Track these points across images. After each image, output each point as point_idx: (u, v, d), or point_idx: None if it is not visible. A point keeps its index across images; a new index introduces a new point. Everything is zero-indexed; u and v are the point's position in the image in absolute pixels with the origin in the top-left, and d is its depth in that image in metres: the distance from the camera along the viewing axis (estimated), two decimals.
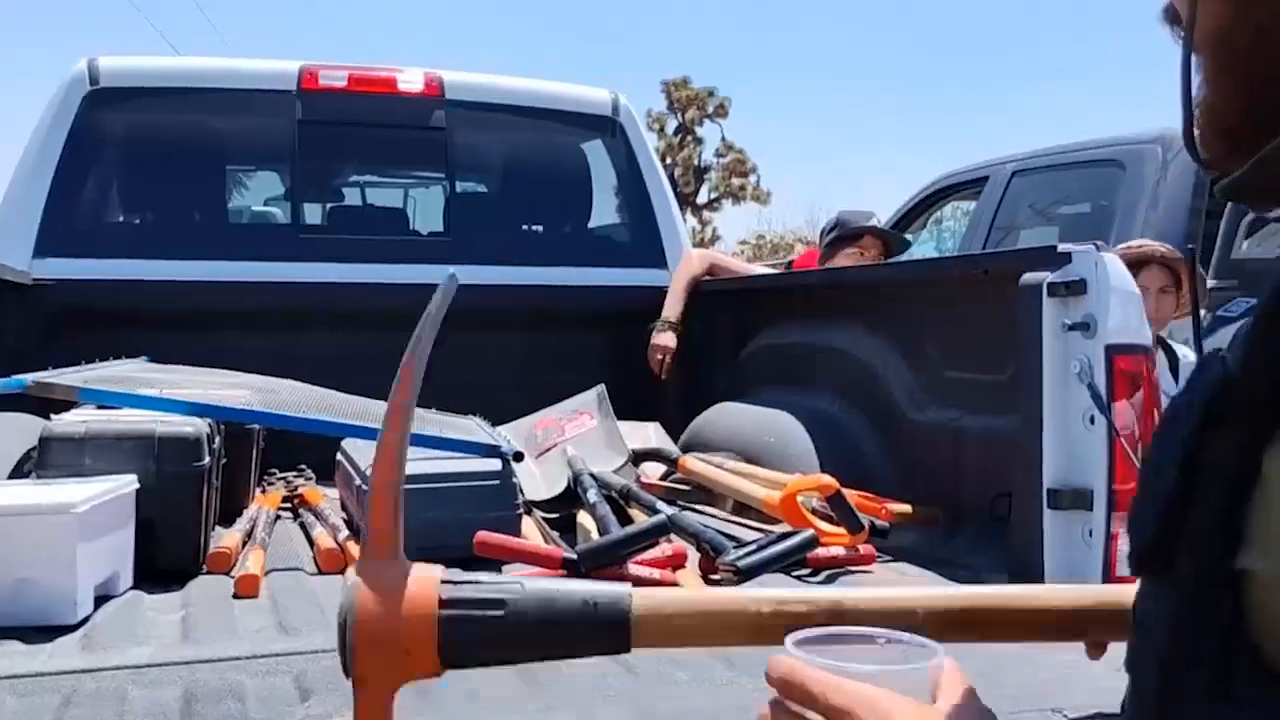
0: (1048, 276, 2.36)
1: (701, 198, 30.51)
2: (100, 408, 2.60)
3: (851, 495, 2.73)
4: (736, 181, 30.14)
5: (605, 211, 4.35)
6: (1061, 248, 2.39)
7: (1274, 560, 0.67)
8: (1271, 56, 0.72)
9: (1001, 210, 5.42)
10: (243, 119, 3.99)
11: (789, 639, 0.82)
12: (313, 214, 4.28)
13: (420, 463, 2.65)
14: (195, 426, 2.45)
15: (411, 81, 3.97)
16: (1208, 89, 0.78)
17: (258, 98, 3.90)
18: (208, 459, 2.45)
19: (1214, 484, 0.71)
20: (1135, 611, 0.81)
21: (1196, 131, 0.78)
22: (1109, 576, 2.30)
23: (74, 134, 3.66)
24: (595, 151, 4.32)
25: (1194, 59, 0.77)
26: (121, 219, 4.03)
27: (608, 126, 4.22)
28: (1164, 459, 0.76)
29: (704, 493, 3.18)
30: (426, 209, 4.85)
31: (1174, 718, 0.71)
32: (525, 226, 4.39)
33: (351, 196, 4.62)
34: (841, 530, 2.60)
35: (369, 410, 2.84)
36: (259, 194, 4.91)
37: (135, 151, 3.88)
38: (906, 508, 2.75)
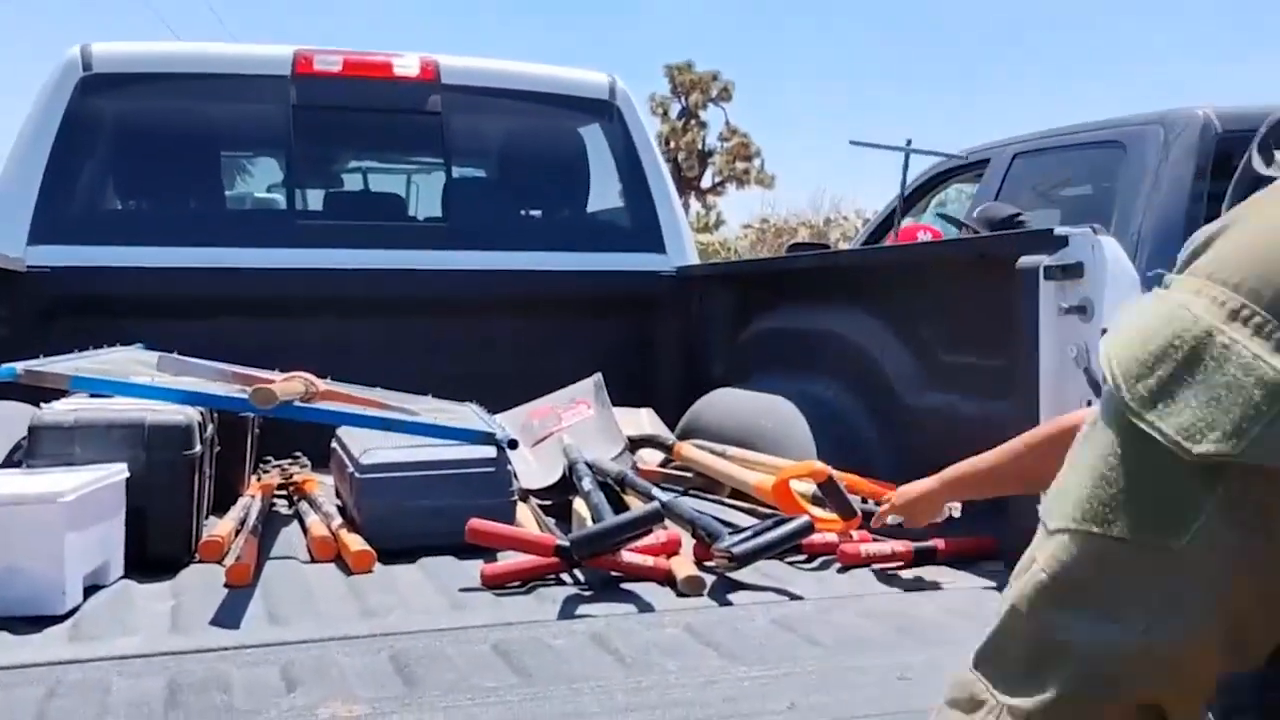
0: (1044, 260, 2.33)
1: (705, 182, 30.42)
2: (92, 396, 2.59)
3: (862, 482, 2.71)
4: (740, 165, 30.04)
5: (603, 196, 4.32)
6: (1058, 231, 2.36)
7: None
8: None
9: (1003, 193, 5.36)
10: (237, 104, 3.96)
11: None
12: (309, 200, 4.25)
13: (415, 450, 2.65)
14: (186, 415, 2.43)
15: (407, 66, 3.94)
16: None
17: (252, 83, 3.87)
18: (199, 447, 2.44)
19: None
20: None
21: None
22: None
23: (67, 120, 3.64)
24: (593, 135, 4.29)
25: None
26: (116, 206, 4.00)
27: (605, 110, 4.19)
28: None
29: (704, 479, 3.17)
30: (424, 194, 4.82)
31: None
32: (523, 211, 4.36)
33: (348, 182, 4.59)
34: (836, 516, 2.59)
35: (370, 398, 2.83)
36: (255, 180, 4.89)
37: (129, 138, 3.85)
38: None
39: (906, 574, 2.38)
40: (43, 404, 2.50)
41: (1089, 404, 2.29)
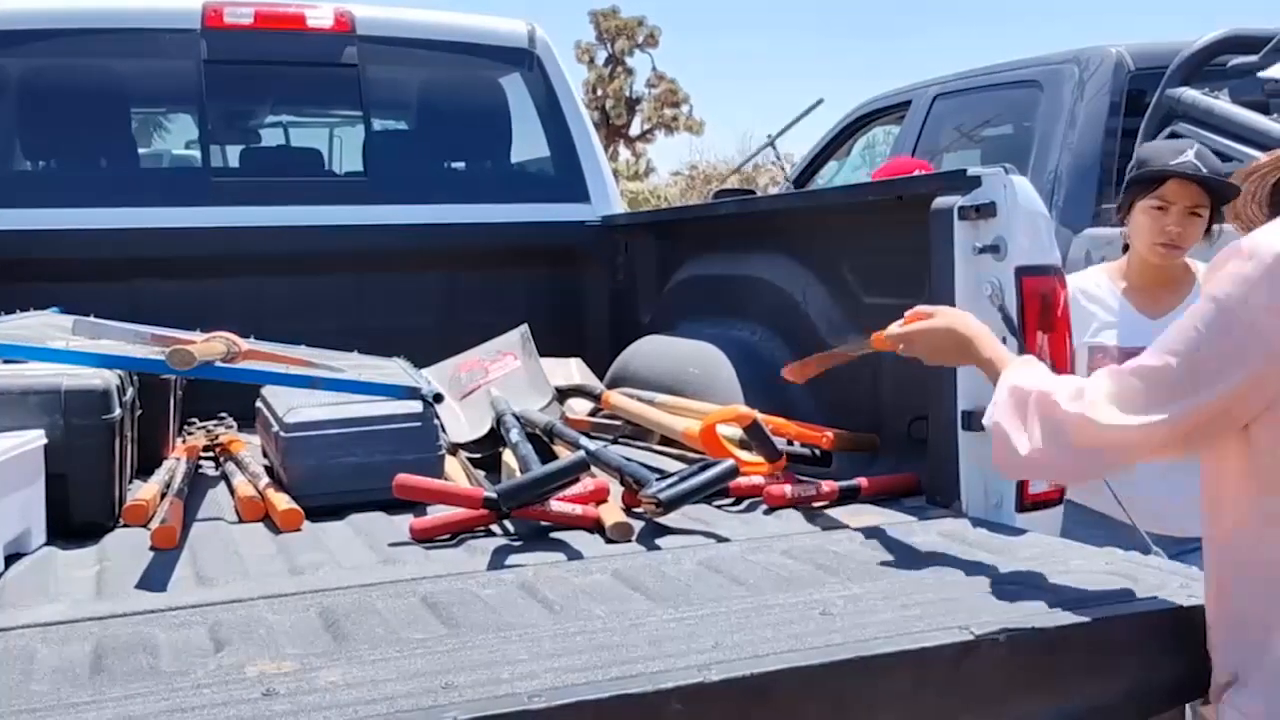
0: (958, 200, 2.37)
1: (634, 129, 30.26)
2: (6, 362, 2.54)
3: (787, 425, 2.75)
4: (669, 112, 29.90)
5: (526, 146, 4.29)
6: (971, 171, 2.39)
7: None
8: None
9: (924, 134, 5.42)
10: (146, 60, 3.86)
11: None
12: (225, 157, 4.18)
13: (340, 407, 2.63)
14: (103, 379, 2.39)
15: (321, 18, 3.87)
16: None
17: (161, 37, 3.78)
18: (118, 411, 2.40)
19: None
20: None
21: None
22: (1023, 495, 2.34)
23: None
24: (513, 85, 4.25)
25: None
26: (25, 167, 3.90)
27: (524, 59, 4.15)
28: None
29: (634, 427, 3.19)
30: (343, 149, 4.75)
31: None
32: (444, 164, 4.32)
33: (264, 137, 4.51)
34: (761, 459, 2.62)
35: (290, 355, 2.80)
36: (167, 138, 4.79)
37: (34, 97, 3.75)
38: (846, 434, 2.77)
39: (831, 513, 2.43)
40: None
41: (1004, 341, 2.33)
